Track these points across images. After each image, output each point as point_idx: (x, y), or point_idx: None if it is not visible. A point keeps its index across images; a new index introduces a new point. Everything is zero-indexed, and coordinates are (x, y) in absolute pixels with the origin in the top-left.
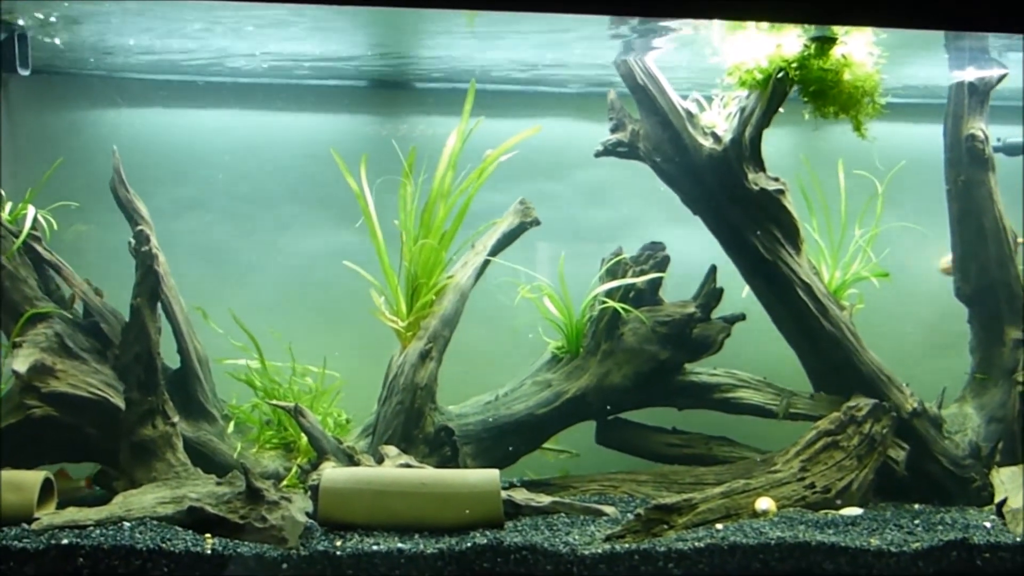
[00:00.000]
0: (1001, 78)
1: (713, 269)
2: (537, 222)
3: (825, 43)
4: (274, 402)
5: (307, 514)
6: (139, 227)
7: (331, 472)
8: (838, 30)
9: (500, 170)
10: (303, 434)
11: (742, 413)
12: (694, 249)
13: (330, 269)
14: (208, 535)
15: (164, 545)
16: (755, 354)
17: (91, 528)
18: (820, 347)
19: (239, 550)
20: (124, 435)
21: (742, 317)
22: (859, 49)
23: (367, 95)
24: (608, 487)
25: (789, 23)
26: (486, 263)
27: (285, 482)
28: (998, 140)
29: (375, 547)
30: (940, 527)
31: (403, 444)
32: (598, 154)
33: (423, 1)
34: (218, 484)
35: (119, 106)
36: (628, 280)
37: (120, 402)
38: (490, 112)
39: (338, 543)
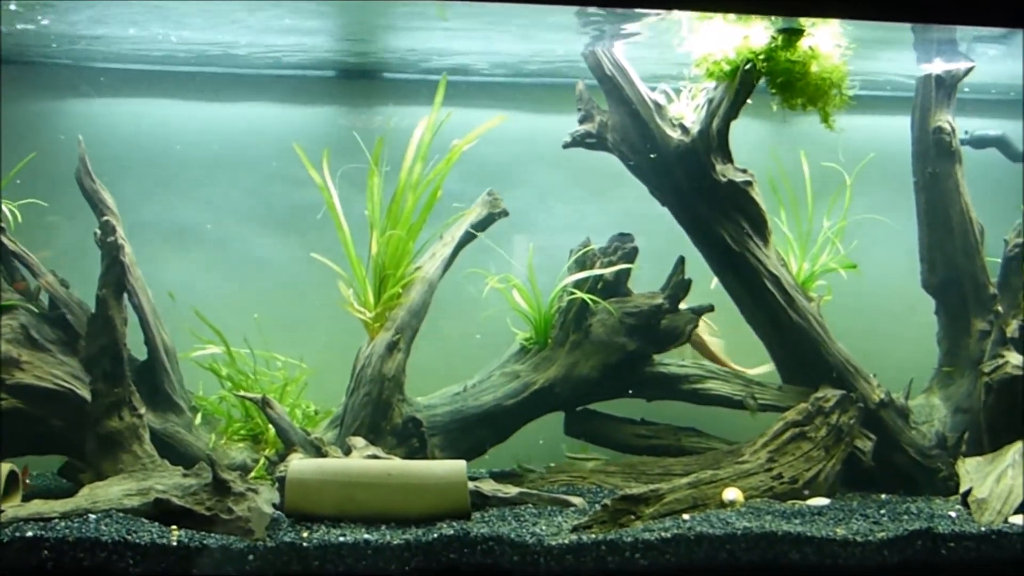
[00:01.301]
0: (968, 71)
1: (681, 260)
2: (505, 213)
3: (792, 35)
4: (241, 393)
5: (274, 505)
6: (105, 217)
7: (297, 463)
8: (805, 22)
9: (477, 162)
10: (271, 425)
11: (710, 404)
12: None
13: (299, 261)
14: (174, 527)
15: (130, 537)
16: (725, 345)
17: (56, 520)
18: (788, 338)
19: (205, 542)
20: (90, 427)
21: (710, 308)
22: (826, 41)
23: (335, 86)
24: (577, 478)
25: (756, 15)
26: (454, 254)
27: (253, 473)
28: (965, 133)
29: (341, 538)
30: (906, 517)
31: (371, 435)
32: (566, 145)
33: None
34: (185, 476)
35: (87, 95)
36: (596, 271)
37: (86, 394)
38: (458, 103)
39: (305, 534)
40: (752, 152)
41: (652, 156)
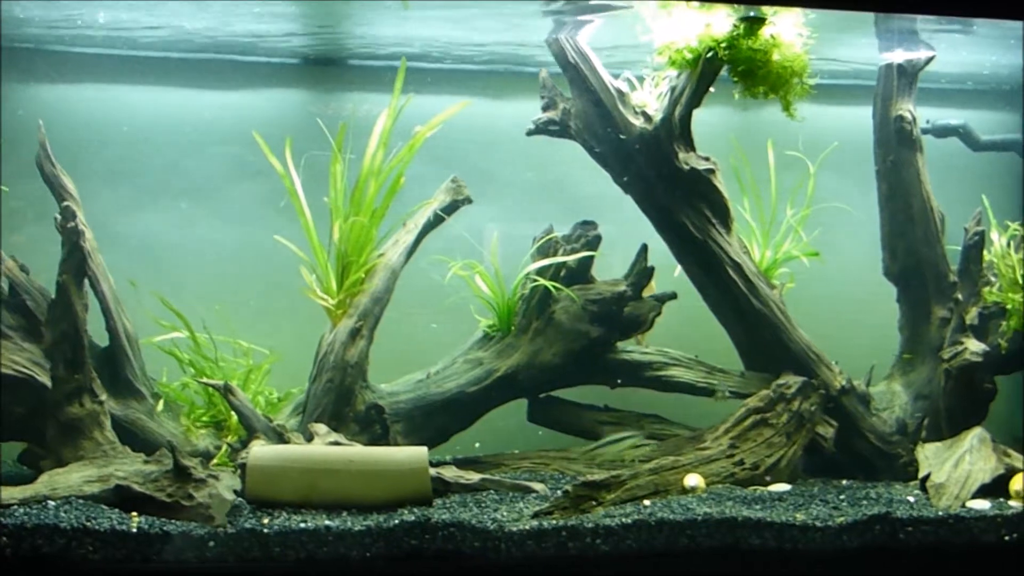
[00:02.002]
0: (929, 60)
1: (644, 248)
2: (469, 200)
3: (754, 23)
4: (204, 380)
5: (235, 492)
6: (65, 203)
7: (259, 450)
8: (767, 10)
9: (442, 148)
10: (233, 412)
11: (674, 391)
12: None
13: (264, 247)
14: (134, 513)
15: (89, 524)
16: (688, 332)
17: (15, 507)
18: (750, 325)
19: (165, 528)
20: (51, 413)
21: (673, 296)
22: (788, 30)
23: (300, 72)
24: (539, 464)
25: (719, 3)
26: (418, 241)
27: (215, 460)
28: (927, 122)
29: (302, 524)
30: (865, 502)
31: (333, 422)
32: (530, 132)
33: None
34: (146, 462)
35: (52, 80)
36: (559, 259)
37: (47, 380)
38: (424, 90)
39: (265, 521)
40: (716, 140)
41: (621, 137)
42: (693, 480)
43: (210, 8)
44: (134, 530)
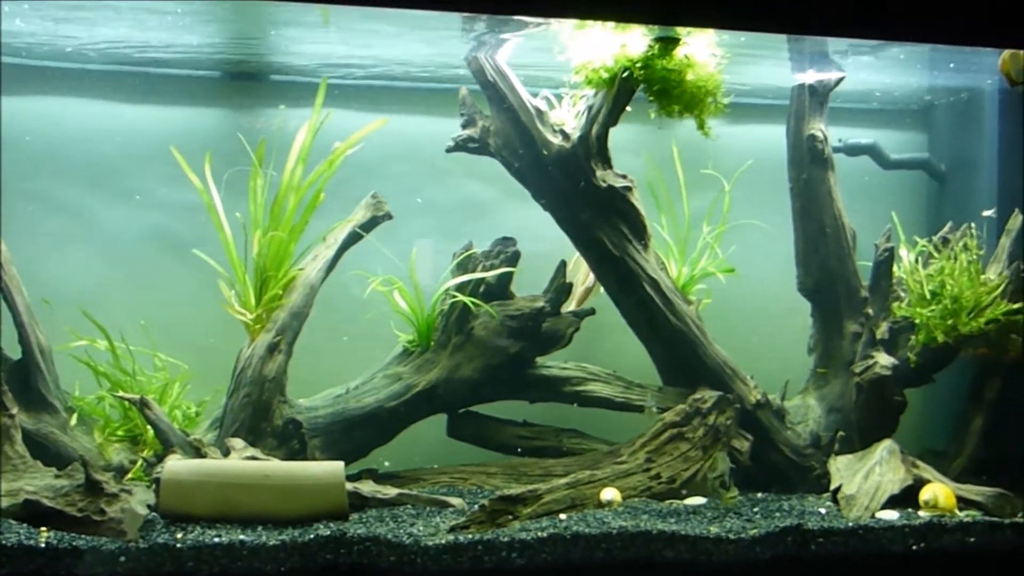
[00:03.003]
0: (839, 81)
1: (563, 264)
2: (389, 216)
3: (668, 43)
4: (119, 394)
5: (149, 507)
6: None
7: (173, 464)
8: (681, 31)
9: (363, 164)
10: (149, 426)
11: (592, 406)
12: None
13: (185, 262)
14: (43, 528)
15: None
16: (608, 347)
17: None
18: (667, 341)
19: (75, 543)
20: None
21: (591, 311)
22: (702, 50)
23: (223, 87)
24: (458, 479)
25: (633, 23)
26: (338, 256)
27: (130, 475)
28: (839, 141)
29: (216, 539)
30: (778, 514)
31: (251, 437)
32: (449, 149)
33: None
34: (57, 477)
35: None
36: (479, 275)
37: None
38: (345, 106)
39: (179, 535)
40: (634, 157)
41: (542, 153)
42: (609, 494)
43: (129, 17)
44: (42, 545)
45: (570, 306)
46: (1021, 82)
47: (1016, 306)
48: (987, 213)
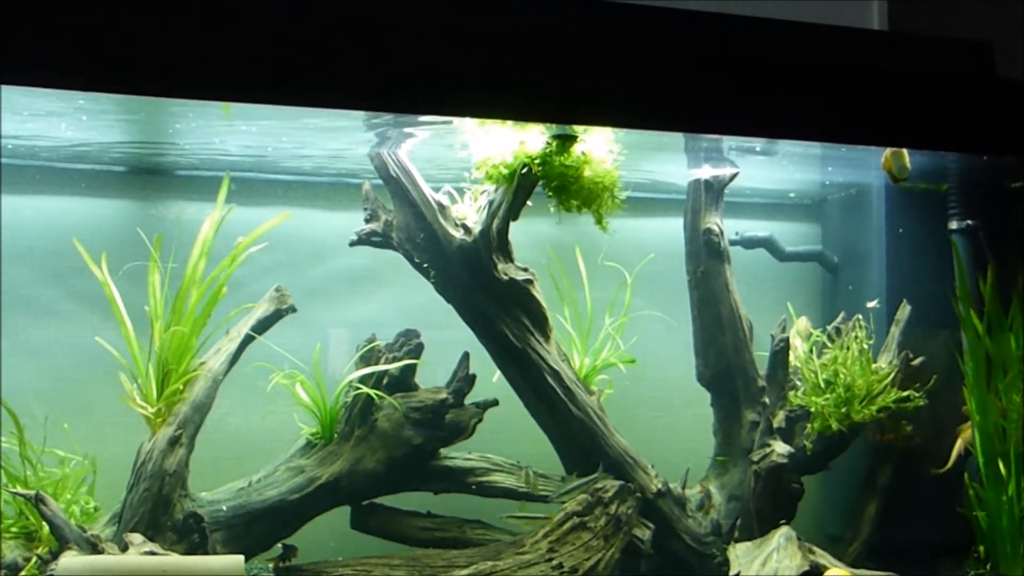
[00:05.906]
0: (733, 176)
1: (466, 356)
2: (293, 309)
3: (566, 141)
4: (13, 490)
5: None
6: None
7: (67, 560)
8: (578, 129)
9: (267, 258)
10: (44, 523)
11: (495, 496)
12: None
13: (88, 354)
14: None
15: None
16: (512, 438)
17: None
18: (568, 431)
19: None
20: None
21: (495, 402)
22: (599, 147)
23: (130, 180)
24: (361, 572)
25: (531, 122)
26: (240, 349)
27: (23, 573)
28: (736, 234)
29: None
30: None
31: (151, 531)
32: (353, 243)
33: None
34: None
35: None
36: (382, 367)
37: None
38: (250, 201)
39: None
40: (535, 250)
41: (443, 248)
42: None
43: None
44: None
45: None
46: (903, 179)
47: (905, 393)
48: (871, 304)
